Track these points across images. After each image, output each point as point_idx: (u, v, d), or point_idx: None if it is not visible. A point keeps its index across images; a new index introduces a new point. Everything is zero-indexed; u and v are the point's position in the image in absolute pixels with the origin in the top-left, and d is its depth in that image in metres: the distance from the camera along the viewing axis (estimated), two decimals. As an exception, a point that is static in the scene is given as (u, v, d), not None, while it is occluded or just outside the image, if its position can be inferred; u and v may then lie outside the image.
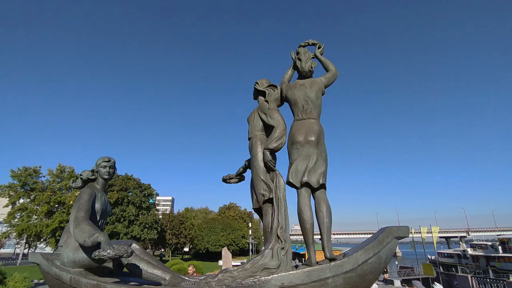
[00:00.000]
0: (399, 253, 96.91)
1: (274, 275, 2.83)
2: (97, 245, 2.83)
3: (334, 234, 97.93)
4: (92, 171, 3.82)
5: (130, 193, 45.36)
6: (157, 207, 58.05)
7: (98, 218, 3.55)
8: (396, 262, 46.05)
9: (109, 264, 3.26)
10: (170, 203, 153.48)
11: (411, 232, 46.01)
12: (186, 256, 65.44)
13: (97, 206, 3.55)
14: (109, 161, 3.82)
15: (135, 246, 3.47)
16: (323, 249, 3.18)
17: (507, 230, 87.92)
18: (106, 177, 3.78)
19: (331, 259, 3.00)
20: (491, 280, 18.68)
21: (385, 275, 15.60)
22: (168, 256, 59.20)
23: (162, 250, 64.49)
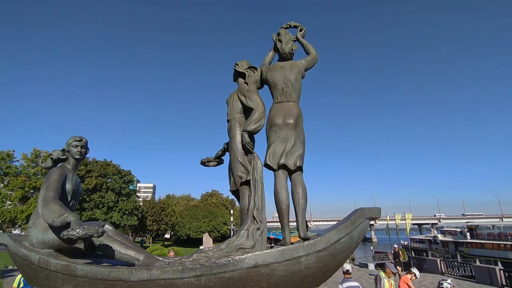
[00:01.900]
0: (374, 239, 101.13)
1: (248, 254, 2.86)
2: (67, 226, 2.75)
3: (313, 221, 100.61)
4: (63, 150, 3.67)
5: (109, 179, 44.36)
6: (138, 194, 57.19)
7: (69, 199, 3.44)
8: (372, 248, 48.11)
9: (81, 245, 3.18)
10: (151, 190, 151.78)
11: (387, 220, 47.95)
12: (167, 243, 65.26)
13: (68, 186, 3.42)
14: (80, 140, 3.67)
15: (107, 227, 3.39)
16: (298, 229, 3.24)
17: (475, 218, 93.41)
18: (78, 157, 3.64)
19: (305, 239, 3.07)
20: (459, 264, 19.88)
21: (397, 267, 15.08)
22: (149, 243, 58.90)
23: (143, 236, 64.03)
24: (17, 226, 34.24)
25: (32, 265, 2.99)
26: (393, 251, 19.82)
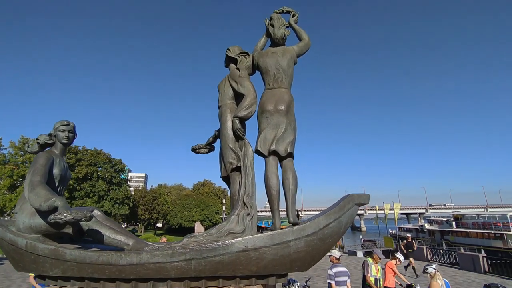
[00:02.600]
0: (363, 228, 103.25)
1: (238, 239, 2.89)
2: (54, 210, 2.71)
3: (305, 210, 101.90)
4: (50, 135, 3.58)
5: (100, 168, 43.88)
6: (130, 184, 56.80)
7: (56, 184, 3.38)
8: (361, 236, 49.13)
9: (69, 230, 3.15)
10: (143, 179, 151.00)
11: (376, 209, 48.93)
12: (159, 232, 65.41)
13: (55, 171, 3.36)
14: (67, 124, 3.59)
15: (96, 212, 3.37)
16: (287, 215, 3.26)
17: (461, 208, 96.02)
18: (65, 141, 3.56)
19: (295, 224, 3.10)
20: (444, 251, 20.53)
21: (410, 259, 14.43)
22: (141, 232, 58.97)
23: (135, 225, 63.98)
24: (5, 214, 33.76)
25: (19, 250, 2.95)
26: (405, 241, 16.29)
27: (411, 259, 14.64)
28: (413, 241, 16.45)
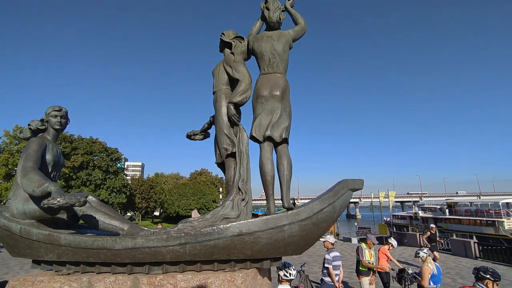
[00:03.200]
0: (359, 216, 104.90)
1: (232, 223, 2.90)
2: (47, 195, 2.70)
3: (301, 199, 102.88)
4: (42, 120, 3.53)
5: (96, 157, 43.73)
6: (126, 173, 56.77)
7: (50, 170, 3.35)
8: (356, 224, 49.90)
9: (63, 216, 3.14)
10: (139, 168, 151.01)
11: (371, 197, 49.54)
12: (157, 220, 65.88)
13: (48, 157, 3.33)
14: (60, 110, 3.53)
15: (91, 198, 3.36)
16: (282, 200, 3.28)
17: (455, 196, 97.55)
18: (58, 127, 3.52)
19: (289, 209, 3.12)
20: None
21: (435, 253, 12.63)
22: (138, 220, 59.38)
23: (132, 213, 64.35)
24: (2, 203, 33.71)
25: (13, 235, 2.95)
26: (428, 232, 13.82)
27: (435, 253, 12.89)
28: (437, 233, 14.31)
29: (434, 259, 6.87)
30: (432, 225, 14.60)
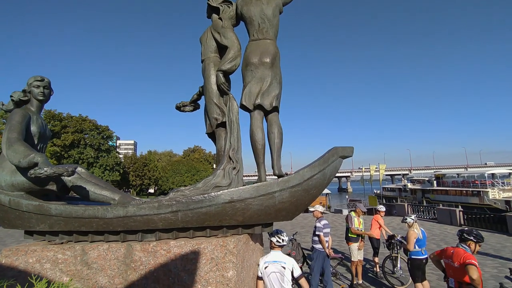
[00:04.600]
0: (350, 189, 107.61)
1: (224, 191, 2.92)
2: (34, 166, 2.65)
3: (294, 173, 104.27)
4: (24, 91, 3.40)
5: (87, 135, 43.16)
6: (119, 151, 56.44)
7: (36, 142, 3.27)
8: (347, 196, 51.43)
9: (53, 187, 3.12)
10: (132, 147, 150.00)
11: (362, 171, 50.60)
12: (152, 197, 66.53)
13: (33, 129, 3.24)
14: (42, 80, 3.39)
15: (80, 169, 3.32)
16: (272, 167, 3.31)
17: (443, 169, 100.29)
18: (41, 98, 3.39)
19: (279, 176, 3.15)
20: (424, 207, 21.82)
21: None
22: (133, 197, 59.84)
23: (127, 191, 64.79)
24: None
25: (2, 207, 2.93)
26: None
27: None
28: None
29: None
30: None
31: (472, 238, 3.81)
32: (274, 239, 3.66)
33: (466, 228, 4.06)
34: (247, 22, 3.58)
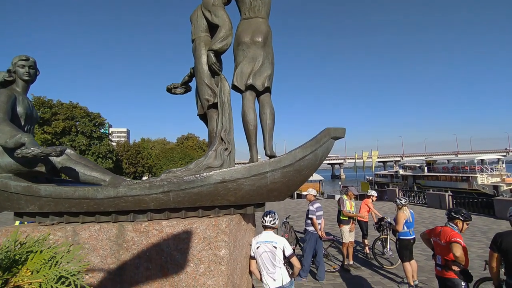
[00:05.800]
0: (343, 176, 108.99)
1: (215, 171, 2.91)
2: (21, 147, 2.60)
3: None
4: (9, 71, 3.29)
5: (78, 122, 42.50)
6: (112, 139, 55.80)
7: (22, 123, 3.20)
8: (340, 183, 52.09)
9: (42, 169, 3.06)
10: (125, 134, 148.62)
11: (355, 158, 51.12)
12: (146, 184, 66.28)
13: (20, 109, 3.16)
14: (27, 59, 3.28)
15: (69, 151, 3.27)
16: (264, 148, 3.30)
17: (435, 155, 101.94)
18: (26, 78, 3.29)
19: (271, 156, 3.15)
20: (415, 192, 22.31)
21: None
22: (127, 185, 59.67)
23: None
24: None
25: (-10, 188, 2.88)
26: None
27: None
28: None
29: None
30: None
31: (459, 216, 3.90)
32: (266, 219, 3.70)
33: (455, 208, 4.15)
34: (238, 0, 3.49)
